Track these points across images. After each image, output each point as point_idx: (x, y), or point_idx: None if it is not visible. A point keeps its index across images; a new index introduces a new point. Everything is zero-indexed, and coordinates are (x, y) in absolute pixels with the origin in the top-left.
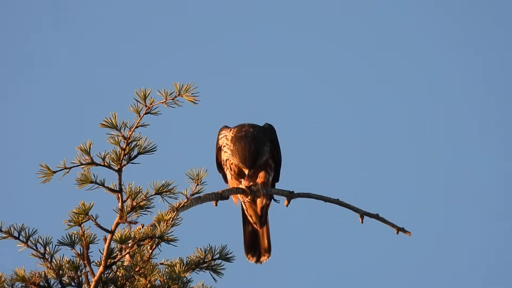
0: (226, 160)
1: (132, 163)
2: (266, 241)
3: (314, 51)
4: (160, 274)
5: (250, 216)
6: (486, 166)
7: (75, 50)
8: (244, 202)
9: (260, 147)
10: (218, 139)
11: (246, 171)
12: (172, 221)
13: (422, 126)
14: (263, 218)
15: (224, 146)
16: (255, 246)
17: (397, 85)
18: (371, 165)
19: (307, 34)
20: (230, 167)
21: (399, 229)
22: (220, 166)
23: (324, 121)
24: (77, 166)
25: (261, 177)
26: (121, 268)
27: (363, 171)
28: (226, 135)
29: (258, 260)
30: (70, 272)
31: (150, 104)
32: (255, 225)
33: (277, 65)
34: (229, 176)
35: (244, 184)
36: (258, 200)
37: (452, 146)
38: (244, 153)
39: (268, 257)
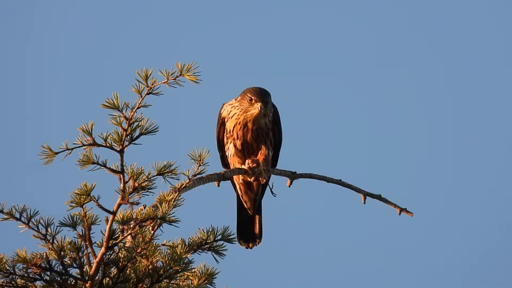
0: (234, 127)
1: (134, 143)
2: (258, 227)
3: (319, 29)
4: (161, 255)
5: (245, 202)
6: (489, 156)
7: (74, 39)
8: (240, 189)
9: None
10: (220, 114)
11: (258, 105)
12: (174, 202)
13: (424, 109)
14: (257, 204)
15: (231, 107)
16: (248, 231)
17: (399, 66)
18: (373, 145)
19: (313, 9)
20: (237, 134)
21: (402, 210)
22: (220, 146)
23: (326, 103)
24: (79, 147)
25: (262, 153)
26: (122, 249)
27: (365, 151)
28: (230, 103)
29: (248, 246)
30: (71, 253)
31: (152, 84)
32: (249, 211)
33: (278, 48)
34: (232, 151)
35: (248, 163)
36: (254, 185)
37: (455, 130)
38: (255, 88)
39: (258, 243)
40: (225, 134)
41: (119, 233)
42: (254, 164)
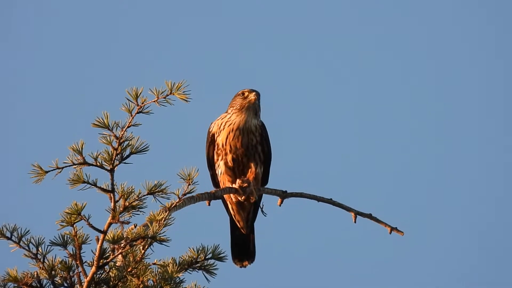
0: (227, 137)
1: (125, 163)
2: (251, 246)
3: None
4: (152, 274)
5: (238, 222)
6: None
7: (66, 49)
8: (233, 208)
9: None
10: (209, 132)
11: (253, 93)
12: (164, 221)
13: (416, 128)
14: (249, 223)
15: (221, 120)
16: (242, 251)
17: (393, 85)
18: (364, 165)
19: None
20: (230, 145)
21: (392, 229)
22: (210, 164)
23: (317, 121)
24: (69, 166)
25: (252, 171)
26: (113, 268)
27: (356, 171)
28: (219, 117)
29: (243, 265)
30: (62, 272)
31: (142, 103)
32: (242, 230)
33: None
34: (222, 169)
35: (238, 183)
36: (246, 204)
37: (443, 148)
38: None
39: (251, 262)
40: (215, 151)
41: (109, 252)
42: (245, 184)
